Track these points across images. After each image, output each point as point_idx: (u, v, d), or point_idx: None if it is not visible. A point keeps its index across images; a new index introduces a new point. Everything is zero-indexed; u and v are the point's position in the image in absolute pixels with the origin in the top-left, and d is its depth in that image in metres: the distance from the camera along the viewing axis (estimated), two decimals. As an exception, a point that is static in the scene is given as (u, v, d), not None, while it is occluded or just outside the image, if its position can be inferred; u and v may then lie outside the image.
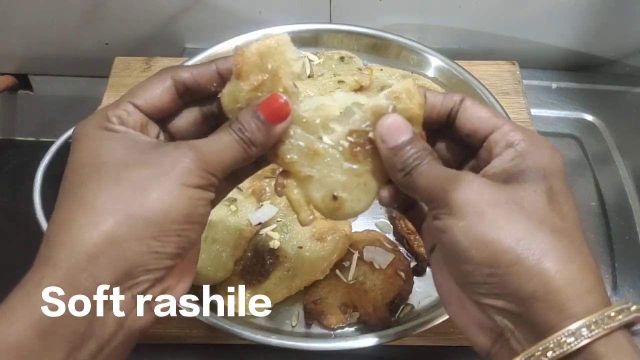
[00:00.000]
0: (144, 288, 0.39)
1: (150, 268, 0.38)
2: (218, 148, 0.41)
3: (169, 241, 0.38)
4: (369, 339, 0.61)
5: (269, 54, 0.42)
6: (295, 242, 0.68)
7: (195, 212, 0.39)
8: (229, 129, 0.42)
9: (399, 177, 0.41)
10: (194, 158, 0.39)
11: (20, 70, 1.05)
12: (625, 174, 0.87)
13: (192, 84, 0.43)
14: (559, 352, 0.34)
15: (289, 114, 0.42)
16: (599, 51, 1.00)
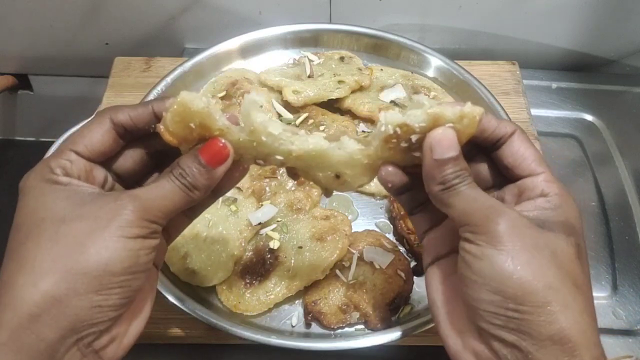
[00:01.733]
0: (90, 340, 0.39)
1: (95, 322, 0.39)
2: (160, 195, 0.42)
3: (111, 294, 0.39)
4: (369, 339, 0.61)
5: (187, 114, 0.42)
6: (295, 242, 0.68)
7: (137, 262, 0.40)
8: (170, 175, 0.43)
9: (436, 190, 0.42)
10: (133, 209, 0.40)
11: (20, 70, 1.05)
12: (625, 174, 0.87)
13: (131, 125, 0.44)
14: None
15: (228, 156, 0.43)
16: (599, 51, 1.00)
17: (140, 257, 0.40)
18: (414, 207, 0.48)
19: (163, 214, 0.42)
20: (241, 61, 0.87)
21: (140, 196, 0.41)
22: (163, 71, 0.85)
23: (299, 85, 0.79)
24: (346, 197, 0.76)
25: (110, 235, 0.39)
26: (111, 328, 0.41)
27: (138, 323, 0.44)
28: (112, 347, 0.41)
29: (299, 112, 0.79)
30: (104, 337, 0.40)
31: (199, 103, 0.42)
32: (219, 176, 0.44)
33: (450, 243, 0.45)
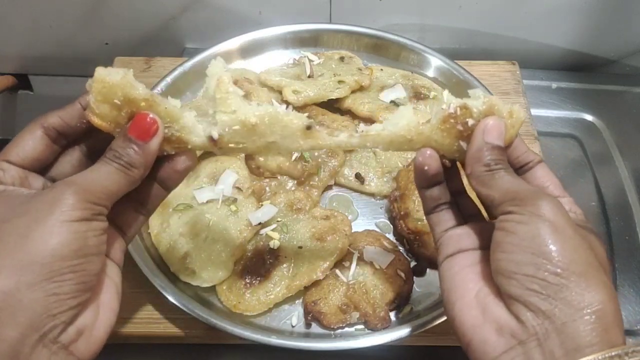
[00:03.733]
0: (55, 335, 0.38)
1: (54, 312, 0.38)
2: (97, 178, 0.42)
3: (65, 279, 0.38)
4: (369, 339, 0.61)
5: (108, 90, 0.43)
6: (295, 242, 0.68)
7: (86, 244, 0.39)
8: (105, 159, 0.43)
9: (480, 171, 0.44)
10: (72, 192, 0.40)
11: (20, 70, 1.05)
12: (625, 174, 0.87)
13: (62, 126, 0.45)
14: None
15: (157, 128, 0.44)
16: (599, 51, 1.00)
17: (88, 239, 0.40)
18: (436, 206, 0.49)
19: (105, 195, 0.41)
20: (241, 61, 0.87)
21: (76, 181, 0.41)
22: (163, 71, 0.85)
23: (299, 85, 0.79)
24: (346, 197, 0.76)
25: (54, 222, 0.38)
26: (75, 319, 0.40)
27: (106, 316, 0.43)
28: (83, 342, 0.40)
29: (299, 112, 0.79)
30: (70, 330, 0.39)
31: (115, 75, 0.43)
32: (152, 150, 0.44)
33: (474, 240, 0.46)
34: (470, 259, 0.45)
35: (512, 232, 0.40)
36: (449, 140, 0.46)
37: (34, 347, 0.37)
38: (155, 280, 0.63)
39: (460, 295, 0.43)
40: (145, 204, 0.48)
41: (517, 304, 0.39)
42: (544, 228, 0.39)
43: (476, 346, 0.40)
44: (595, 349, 0.36)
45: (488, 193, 0.43)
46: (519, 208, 0.40)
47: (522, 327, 0.38)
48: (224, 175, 0.72)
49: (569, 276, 0.37)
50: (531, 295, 0.38)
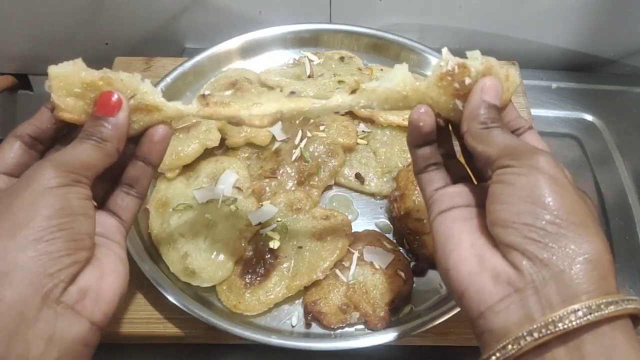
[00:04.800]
0: (57, 295, 0.39)
1: (51, 271, 0.38)
2: (73, 152, 0.44)
3: (54, 238, 0.39)
4: (369, 339, 0.61)
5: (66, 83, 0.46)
6: (295, 242, 0.68)
7: (69, 204, 0.41)
8: (78, 139, 0.45)
9: (476, 127, 0.45)
10: (49, 165, 0.41)
11: (20, 70, 1.05)
12: (625, 174, 0.87)
13: (36, 132, 0.47)
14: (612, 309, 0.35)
15: (119, 100, 0.46)
16: (599, 51, 1.00)
17: (71, 199, 0.41)
18: (427, 166, 0.50)
19: (82, 167, 0.43)
20: (241, 61, 0.87)
21: (52, 157, 0.43)
22: (163, 71, 0.85)
23: (299, 85, 0.79)
24: (346, 197, 0.76)
25: (35, 190, 0.40)
26: (76, 279, 0.40)
27: (112, 277, 0.44)
28: (90, 302, 0.41)
29: (299, 112, 0.79)
30: (72, 289, 0.40)
31: (67, 67, 0.46)
32: (121, 122, 0.46)
33: (467, 198, 0.47)
34: (464, 214, 0.46)
35: (511, 183, 0.41)
36: (444, 98, 0.47)
37: (39, 309, 0.38)
38: (155, 280, 0.63)
39: (456, 246, 0.43)
40: (134, 184, 0.50)
41: (514, 252, 0.39)
42: (542, 179, 0.40)
43: (472, 294, 0.41)
44: (592, 295, 0.36)
45: (484, 149, 0.44)
46: (517, 162, 0.41)
47: (519, 275, 0.39)
48: (224, 175, 0.72)
49: (567, 226, 0.38)
50: (529, 244, 0.38)
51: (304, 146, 0.75)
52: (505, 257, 0.40)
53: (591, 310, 0.35)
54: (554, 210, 0.38)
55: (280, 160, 0.75)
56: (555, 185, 0.39)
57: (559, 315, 0.36)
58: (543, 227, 0.38)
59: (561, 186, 0.40)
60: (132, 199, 0.50)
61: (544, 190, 0.39)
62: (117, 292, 0.44)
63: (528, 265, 0.38)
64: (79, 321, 0.40)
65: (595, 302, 0.36)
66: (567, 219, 0.38)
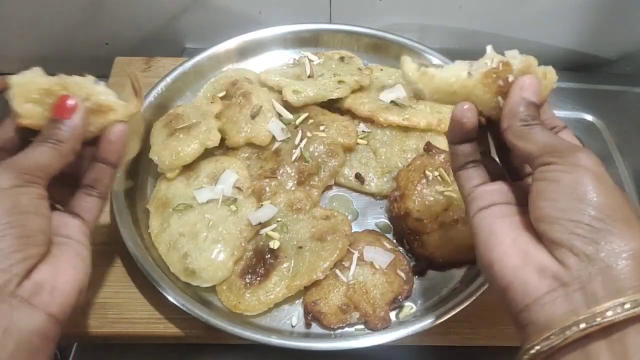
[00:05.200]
0: (11, 289, 0.40)
1: (3, 267, 0.40)
2: (28, 154, 0.46)
3: (4, 235, 0.40)
4: (369, 339, 0.61)
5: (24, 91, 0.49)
6: (295, 242, 0.68)
7: (19, 203, 0.42)
8: (35, 142, 0.47)
9: (517, 125, 0.45)
10: (3, 168, 0.43)
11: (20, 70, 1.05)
12: (625, 174, 0.87)
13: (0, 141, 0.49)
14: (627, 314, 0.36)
15: (76, 104, 0.48)
16: (599, 51, 1.00)
17: (22, 199, 0.42)
18: (466, 163, 0.50)
19: (36, 167, 0.45)
20: (241, 61, 0.87)
21: (9, 161, 0.45)
22: (163, 71, 0.85)
23: (299, 85, 0.79)
24: (346, 197, 0.76)
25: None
26: (29, 273, 0.42)
27: (68, 272, 0.45)
28: (46, 295, 0.42)
29: (299, 112, 0.79)
30: (26, 284, 0.41)
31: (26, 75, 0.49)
32: (77, 123, 0.48)
33: (507, 195, 0.47)
34: (504, 211, 0.46)
35: (555, 180, 0.41)
36: (489, 96, 0.48)
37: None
38: (155, 280, 0.63)
39: (499, 242, 0.44)
40: (95, 185, 0.51)
41: (561, 248, 0.40)
42: (587, 176, 0.40)
43: (517, 288, 0.41)
44: (637, 289, 0.37)
45: (525, 146, 0.44)
46: (560, 159, 0.42)
47: (565, 270, 0.39)
48: (224, 175, 0.71)
49: (612, 222, 0.39)
50: (576, 239, 0.39)
51: (304, 146, 0.75)
52: (552, 253, 0.41)
53: (637, 304, 0.36)
54: (599, 207, 0.39)
55: (280, 160, 0.75)
56: (598, 182, 0.40)
57: (605, 308, 0.37)
58: (589, 223, 0.39)
59: (604, 183, 0.40)
60: (94, 199, 0.51)
61: (588, 187, 0.40)
62: (75, 286, 0.45)
63: (575, 260, 0.39)
64: (36, 313, 0.41)
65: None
66: (612, 215, 0.39)
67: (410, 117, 0.77)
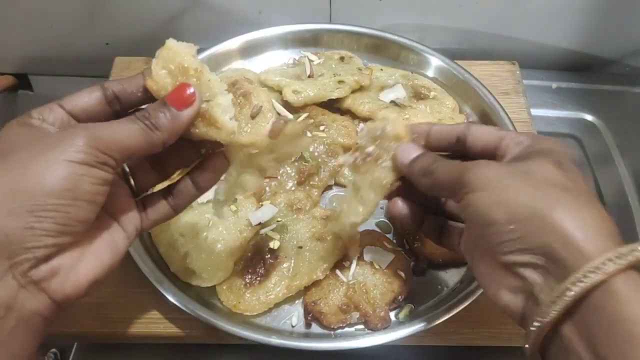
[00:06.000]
0: (25, 268, 0.38)
1: (28, 246, 0.37)
2: (115, 129, 0.42)
3: (46, 216, 0.38)
4: (369, 339, 0.61)
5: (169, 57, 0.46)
6: (295, 242, 0.68)
7: (79, 187, 0.39)
8: (131, 116, 0.43)
9: (425, 182, 0.48)
10: (82, 135, 0.39)
11: (20, 70, 1.05)
12: (625, 174, 0.87)
13: (120, 91, 0.46)
14: (581, 286, 0.36)
15: (193, 98, 0.44)
16: (599, 51, 1.00)
17: (83, 183, 0.39)
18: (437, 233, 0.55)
19: (117, 148, 0.41)
20: (241, 61, 0.87)
21: (94, 127, 0.41)
22: (163, 71, 0.84)
23: (299, 85, 0.79)
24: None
25: (54, 157, 0.38)
26: (50, 258, 0.39)
27: (91, 264, 0.42)
28: (56, 282, 0.40)
29: (299, 112, 0.79)
30: (42, 267, 0.39)
31: (180, 46, 0.47)
32: (183, 119, 0.44)
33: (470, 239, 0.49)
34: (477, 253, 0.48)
35: (468, 218, 0.44)
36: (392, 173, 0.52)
37: (4, 274, 0.37)
38: (155, 280, 0.63)
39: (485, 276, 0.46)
40: (175, 197, 0.49)
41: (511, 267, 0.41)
42: (481, 200, 0.42)
43: (506, 308, 0.44)
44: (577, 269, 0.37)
45: (441, 193, 0.50)
46: (460, 194, 0.44)
47: (523, 281, 0.41)
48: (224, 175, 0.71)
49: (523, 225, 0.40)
50: (512, 255, 0.41)
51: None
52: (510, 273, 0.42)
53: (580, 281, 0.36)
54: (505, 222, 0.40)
55: (280, 160, 0.75)
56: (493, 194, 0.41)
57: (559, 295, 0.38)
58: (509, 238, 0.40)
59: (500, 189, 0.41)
60: (167, 206, 0.49)
61: (488, 209, 0.41)
62: (89, 280, 0.42)
63: (523, 269, 0.41)
64: (41, 296, 0.40)
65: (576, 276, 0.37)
66: (518, 218, 0.40)
67: (410, 117, 0.77)
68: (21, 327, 0.39)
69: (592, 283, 0.36)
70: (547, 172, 0.41)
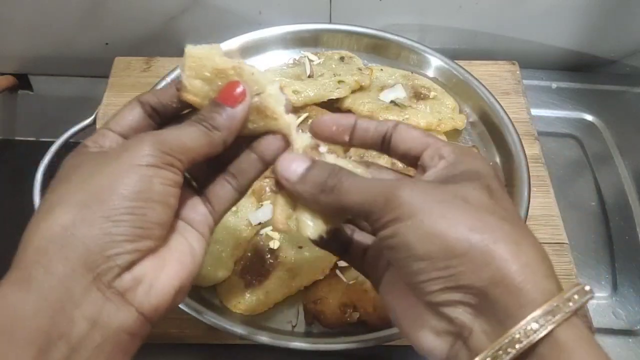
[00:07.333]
0: (109, 279, 0.37)
1: (110, 254, 0.36)
2: (176, 133, 0.42)
3: (122, 220, 0.37)
4: (369, 339, 0.61)
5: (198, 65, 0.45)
6: (295, 242, 0.68)
7: (149, 188, 0.38)
8: (188, 121, 0.43)
9: (324, 200, 0.40)
10: (148, 140, 0.39)
11: (20, 70, 1.05)
12: (625, 174, 0.87)
13: (157, 103, 0.45)
14: (526, 342, 0.32)
15: (243, 93, 0.43)
16: (599, 51, 1.00)
17: (153, 184, 0.38)
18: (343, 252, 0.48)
19: (180, 149, 0.40)
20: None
21: (154, 133, 0.41)
22: (163, 71, 0.85)
23: (299, 85, 0.79)
24: (346, 197, 0.76)
25: (122, 164, 0.38)
26: (133, 266, 0.38)
27: (173, 269, 0.41)
28: (141, 291, 0.38)
29: (299, 112, 0.79)
30: (126, 276, 0.37)
31: (203, 50, 0.45)
32: (238, 115, 0.43)
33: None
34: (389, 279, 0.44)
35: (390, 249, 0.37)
36: None
37: (87, 288, 0.36)
38: (155, 280, 0.63)
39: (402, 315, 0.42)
40: (238, 176, 0.46)
41: (436, 307, 0.36)
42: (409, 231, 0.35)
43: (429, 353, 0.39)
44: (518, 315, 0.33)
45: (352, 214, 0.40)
46: (381, 221, 0.37)
47: (450, 322, 0.36)
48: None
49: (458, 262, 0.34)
50: (440, 294, 0.35)
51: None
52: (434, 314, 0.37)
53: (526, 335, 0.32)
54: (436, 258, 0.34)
55: (280, 160, 0.75)
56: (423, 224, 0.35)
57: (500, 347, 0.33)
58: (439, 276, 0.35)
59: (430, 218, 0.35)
60: (231, 190, 0.46)
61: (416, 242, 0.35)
62: (175, 286, 0.41)
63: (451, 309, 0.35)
64: (127, 309, 0.38)
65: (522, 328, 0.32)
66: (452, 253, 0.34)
67: (410, 117, 0.77)
68: (107, 344, 0.37)
69: (540, 336, 0.32)
70: (481, 199, 0.36)
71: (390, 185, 0.37)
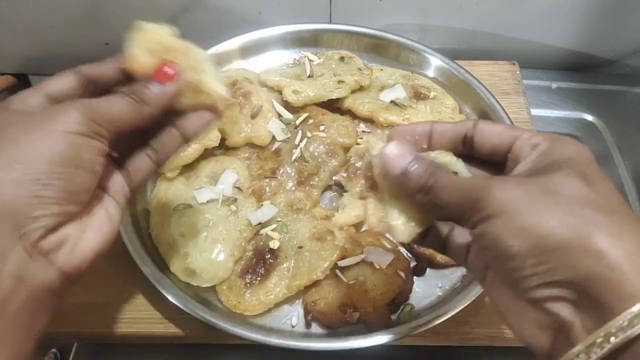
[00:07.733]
0: (35, 239, 0.38)
1: (37, 215, 0.38)
2: (105, 103, 0.43)
3: (51, 184, 0.38)
4: (369, 339, 0.61)
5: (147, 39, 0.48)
6: (295, 242, 0.68)
7: (78, 155, 0.40)
8: (119, 92, 0.45)
9: (421, 200, 0.39)
10: (75, 108, 0.41)
11: (20, 70, 1.05)
12: (625, 174, 0.87)
13: (95, 72, 0.48)
14: (623, 337, 0.31)
15: (174, 75, 0.47)
16: (599, 51, 1.00)
17: (82, 152, 0.40)
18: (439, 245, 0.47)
19: (108, 118, 0.42)
20: (241, 61, 0.87)
21: (85, 101, 0.43)
22: (163, 71, 0.84)
23: (299, 85, 0.79)
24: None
25: (52, 129, 0.39)
26: (58, 228, 0.40)
27: (94, 234, 0.43)
28: (64, 253, 0.40)
29: (299, 112, 0.79)
30: (51, 237, 0.39)
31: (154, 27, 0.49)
32: (168, 91, 0.46)
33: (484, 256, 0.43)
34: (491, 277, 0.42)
35: (484, 249, 0.37)
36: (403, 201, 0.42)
37: (13, 246, 0.37)
38: (155, 280, 0.63)
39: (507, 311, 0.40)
40: (159, 150, 0.49)
41: (538, 302, 0.36)
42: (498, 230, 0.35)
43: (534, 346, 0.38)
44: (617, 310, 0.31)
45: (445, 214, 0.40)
46: (472, 221, 0.37)
47: (552, 317, 0.35)
48: (224, 175, 0.72)
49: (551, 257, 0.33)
50: (538, 290, 0.35)
51: (304, 146, 0.75)
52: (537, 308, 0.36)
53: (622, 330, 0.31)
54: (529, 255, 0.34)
55: (280, 160, 0.75)
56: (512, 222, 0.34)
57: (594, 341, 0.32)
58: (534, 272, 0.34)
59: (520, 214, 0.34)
60: (150, 163, 0.49)
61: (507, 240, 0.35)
62: (95, 249, 0.43)
63: (551, 304, 0.35)
64: (51, 269, 0.40)
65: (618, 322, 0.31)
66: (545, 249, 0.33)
67: (410, 117, 0.77)
68: (32, 301, 0.39)
69: (637, 332, 0.31)
70: (575, 189, 0.35)
71: (479, 183, 0.37)
